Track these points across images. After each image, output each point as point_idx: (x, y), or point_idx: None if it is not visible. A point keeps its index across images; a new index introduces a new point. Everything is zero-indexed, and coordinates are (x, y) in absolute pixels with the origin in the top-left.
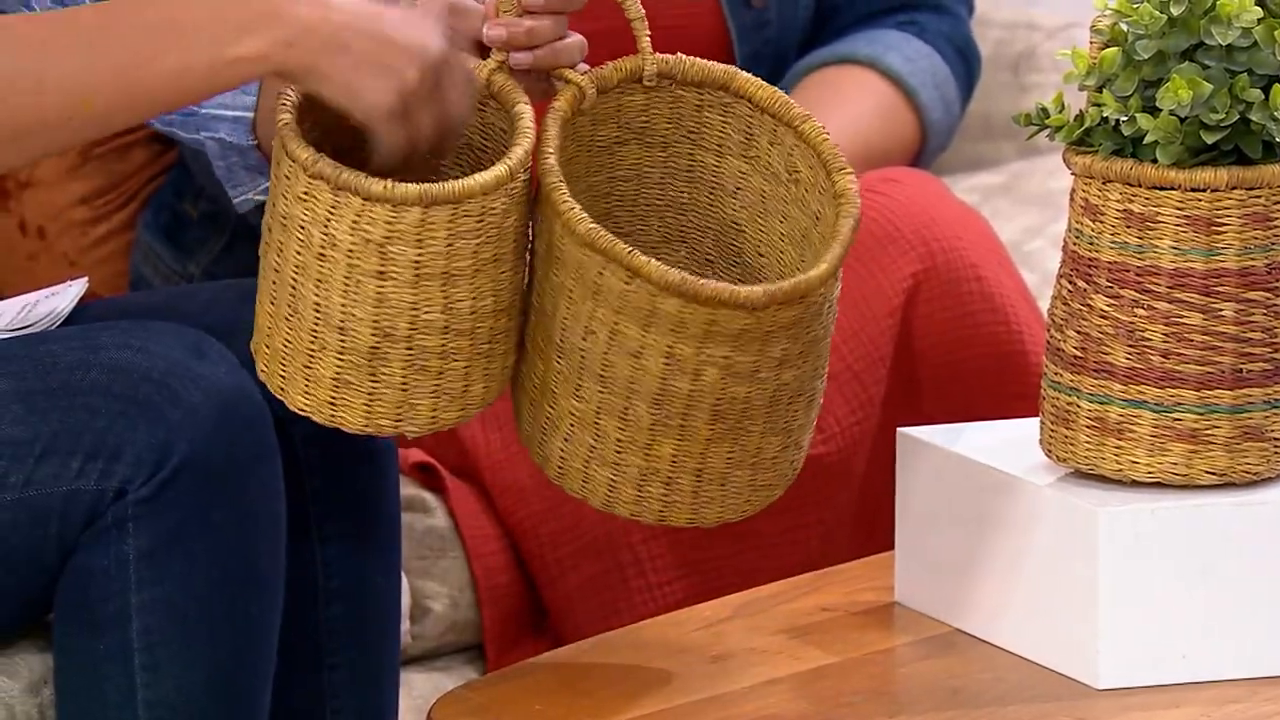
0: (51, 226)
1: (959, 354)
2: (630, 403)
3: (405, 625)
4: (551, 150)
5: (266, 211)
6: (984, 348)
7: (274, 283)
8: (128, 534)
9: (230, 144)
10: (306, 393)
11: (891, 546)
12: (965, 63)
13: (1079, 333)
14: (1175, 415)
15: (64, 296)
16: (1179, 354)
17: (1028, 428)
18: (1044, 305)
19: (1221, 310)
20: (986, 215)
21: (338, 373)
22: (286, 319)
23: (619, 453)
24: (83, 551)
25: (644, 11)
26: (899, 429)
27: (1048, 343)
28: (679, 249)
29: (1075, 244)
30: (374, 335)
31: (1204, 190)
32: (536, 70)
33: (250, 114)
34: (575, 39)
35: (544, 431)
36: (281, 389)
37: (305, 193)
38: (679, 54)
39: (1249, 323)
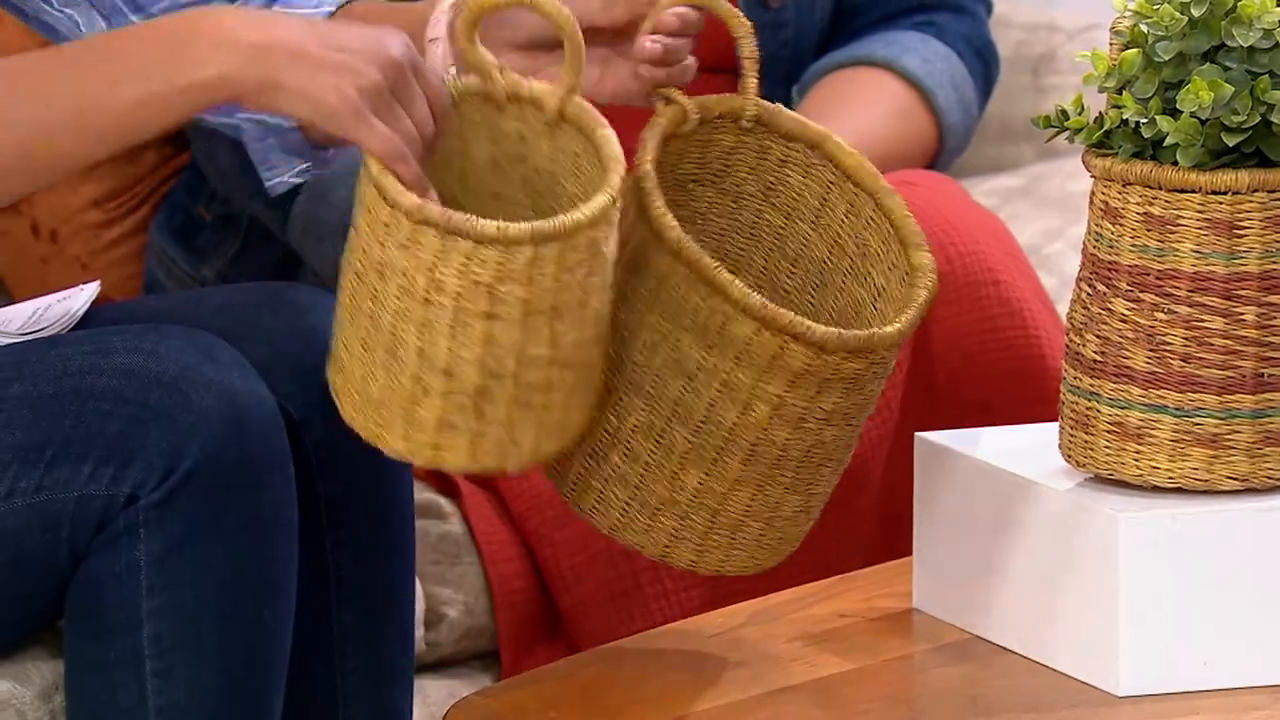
0: (63, 230)
1: (977, 358)
2: (670, 425)
3: (419, 631)
4: (649, 159)
5: (353, 254)
6: (1002, 352)
7: (368, 329)
8: (139, 539)
9: (270, 125)
10: (406, 437)
11: (909, 552)
12: (984, 64)
13: (1098, 337)
14: (1196, 420)
15: (76, 300)
16: (1200, 358)
17: (1047, 432)
18: (1063, 309)
19: (1243, 314)
20: (1005, 218)
21: (442, 415)
22: (384, 365)
23: (643, 475)
24: (94, 557)
25: (757, 53)
26: (917, 434)
27: (1067, 347)
28: None
29: (1095, 247)
30: (481, 375)
31: (1225, 193)
32: (650, 87)
33: None
34: (691, 62)
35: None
36: (377, 435)
37: (409, 239)
38: (779, 105)
39: (1270, 326)
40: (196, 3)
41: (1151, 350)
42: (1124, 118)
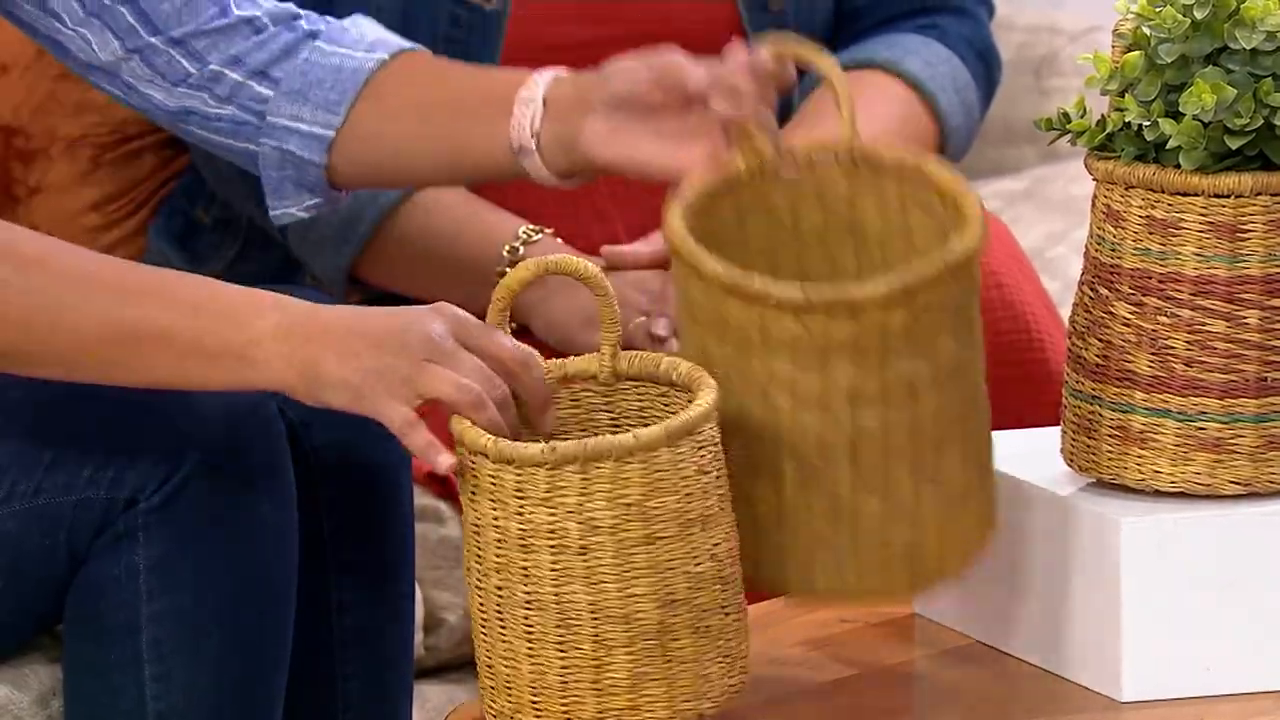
0: (62, 233)
1: None
2: (778, 457)
3: (419, 636)
4: (689, 196)
5: (478, 554)
6: (1004, 356)
7: (530, 620)
8: (138, 543)
9: (292, 157)
10: (600, 709)
11: None
12: (986, 66)
13: (1101, 340)
14: (1199, 424)
15: None
16: (1202, 362)
17: (1049, 437)
18: (1065, 313)
19: (1245, 318)
20: (1007, 221)
21: (633, 669)
22: (557, 645)
23: (765, 515)
24: (93, 561)
25: (850, 92)
26: None
27: (1069, 351)
28: None
29: (1097, 250)
30: (660, 610)
31: (1228, 196)
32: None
33: (331, 133)
34: (766, 112)
35: None
36: None
37: (548, 490)
38: (875, 144)
39: (1273, 330)
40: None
41: (1154, 354)
42: (1126, 120)
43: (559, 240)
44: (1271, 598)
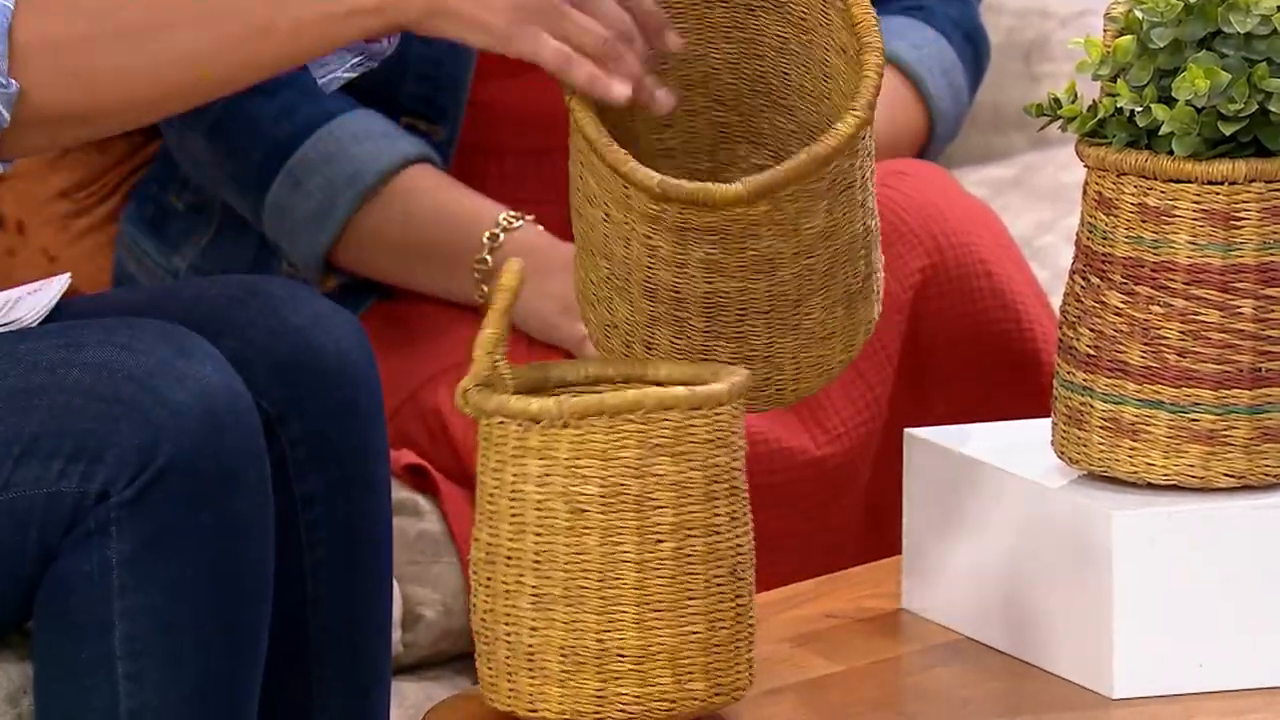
0: (31, 220)
1: (968, 352)
2: (629, 286)
3: (396, 634)
4: None
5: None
6: (994, 345)
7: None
8: (110, 538)
9: None
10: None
11: (899, 551)
12: (974, 49)
13: (1092, 330)
14: (1192, 416)
15: (46, 293)
16: (1196, 352)
17: (1039, 428)
18: (1056, 302)
19: (1240, 307)
20: (997, 209)
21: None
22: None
23: (629, 331)
24: (64, 556)
25: None
26: (906, 430)
27: (1060, 341)
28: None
29: (1089, 239)
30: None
31: (1222, 183)
32: None
33: None
34: None
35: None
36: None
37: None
38: None
39: (1268, 319)
40: None
41: (1147, 344)
42: (1118, 106)
43: (540, 228)
44: (1265, 593)
